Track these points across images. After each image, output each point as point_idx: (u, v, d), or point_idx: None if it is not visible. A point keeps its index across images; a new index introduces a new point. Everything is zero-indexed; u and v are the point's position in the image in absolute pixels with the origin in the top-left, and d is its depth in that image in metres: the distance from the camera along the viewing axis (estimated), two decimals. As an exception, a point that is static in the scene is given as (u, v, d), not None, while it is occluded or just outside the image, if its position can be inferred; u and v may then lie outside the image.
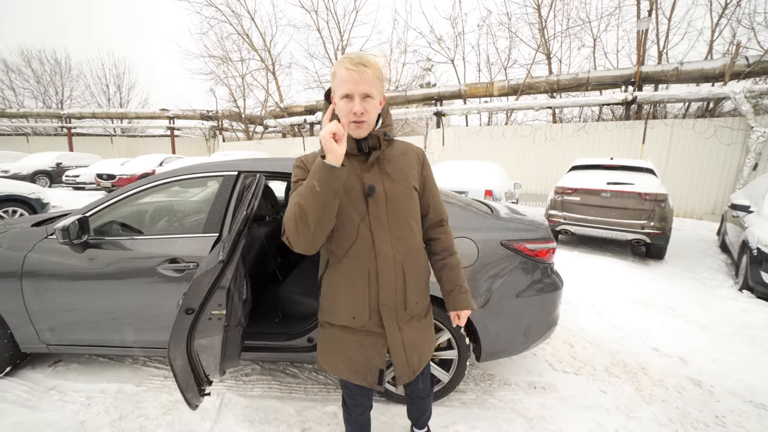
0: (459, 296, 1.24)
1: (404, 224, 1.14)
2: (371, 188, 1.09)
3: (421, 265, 1.22)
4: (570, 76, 10.63)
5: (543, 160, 10.20)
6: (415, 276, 1.18)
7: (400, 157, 1.17)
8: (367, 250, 1.10)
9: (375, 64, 1.06)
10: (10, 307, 1.95)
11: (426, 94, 12.52)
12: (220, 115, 18.66)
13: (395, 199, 1.12)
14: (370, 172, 1.11)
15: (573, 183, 5.72)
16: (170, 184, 2.08)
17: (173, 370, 1.24)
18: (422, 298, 1.24)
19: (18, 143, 19.97)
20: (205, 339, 1.29)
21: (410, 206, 1.16)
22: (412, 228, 1.17)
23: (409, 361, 1.22)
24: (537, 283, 1.98)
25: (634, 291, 3.94)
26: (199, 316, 1.24)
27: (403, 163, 1.17)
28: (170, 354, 1.23)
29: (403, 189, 1.13)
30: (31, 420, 1.79)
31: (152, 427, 1.77)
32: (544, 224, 2.12)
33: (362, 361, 1.18)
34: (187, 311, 1.22)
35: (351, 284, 1.13)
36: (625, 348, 2.72)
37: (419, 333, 1.25)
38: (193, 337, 1.25)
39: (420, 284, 1.22)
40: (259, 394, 2.05)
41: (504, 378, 2.30)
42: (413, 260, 1.18)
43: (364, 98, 1.03)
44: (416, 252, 1.19)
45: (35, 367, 2.23)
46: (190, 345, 1.25)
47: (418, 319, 1.24)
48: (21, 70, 24.20)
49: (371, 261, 1.11)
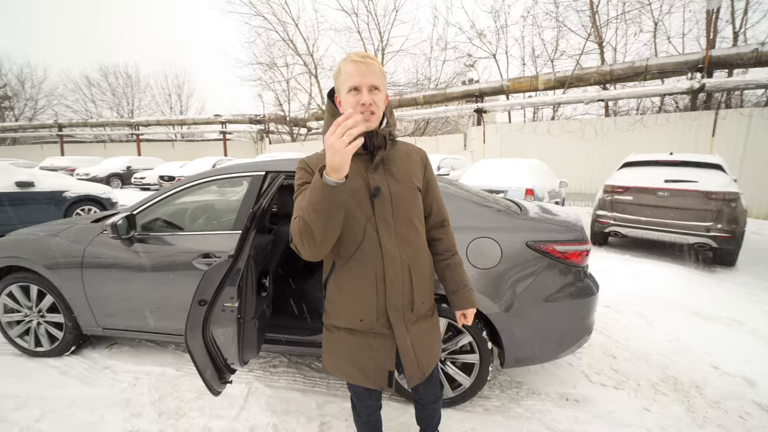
0: (464, 295, 1.24)
1: (410, 225, 1.14)
2: (377, 189, 1.08)
3: (426, 265, 1.22)
4: (625, 65, 9.78)
5: (593, 156, 9.50)
6: (421, 276, 1.18)
7: (404, 158, 1.17)
8: (374, 252, 1.09)
9: (378, 61, 1.09)
10: (74, 294, 2.21)
11: (466, 91, 12.20)
12: (266, 118, 19.68)
13: (400, 200, 1.11)
14: (376, 172, 1.10)
15: (624, 181, 5.27)
16: (206, 184, 2.23)
17: (192, 357, 1.33)
18: (428, 298, 1.24)
19: (97, 149, 22.62)
20: (221, 329, 1.37)
21: (415, 207, 1.16)
22: (417, 229, 1.17)
23: (418, 362, 1.20)
24: (568, 288, 1.85)
25: (694, 300, 3.54)
26: (212, 307, 1.32)
27: (407, 164, 1.16)
28: (188, 342, 1.32)
29: (408, 190, 1.13)
30: (88, 394, 2.02)
31: (186, 408, 1.92)
32: (578, 225, 1.98)
33: (371, 363, 1.17)
34: (200, 302, 1.31)
35: (358, 286, 1.12)
36: (677, 363, 2.46)
37: (426, 333, 1.23)
38: (208, 327, 1.33)
39: (426, 284, 1.21)
40: (284, 385, 2.13)
41: (533, 387, 2.17)
42: (419, 261, 1.17)
43: (372, 90, 1.03)
44: (422, 253, 1.19)
45: (95, 348, 2.51)
46: (206, 334, 1.34)
47: (425, 319, 1.23)
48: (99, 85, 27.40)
49: (378, 262, 1.09)
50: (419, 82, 17.58)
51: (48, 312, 2.33)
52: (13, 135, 24.51)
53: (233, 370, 1.57)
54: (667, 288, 3.88)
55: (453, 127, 20.41)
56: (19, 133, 23.94)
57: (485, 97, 11.96)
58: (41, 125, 22.96)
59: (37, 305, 2.32)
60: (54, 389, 2.06)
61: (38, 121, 24.38)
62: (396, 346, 1.17)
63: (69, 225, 2.38)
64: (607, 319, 3.11)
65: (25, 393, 2.03)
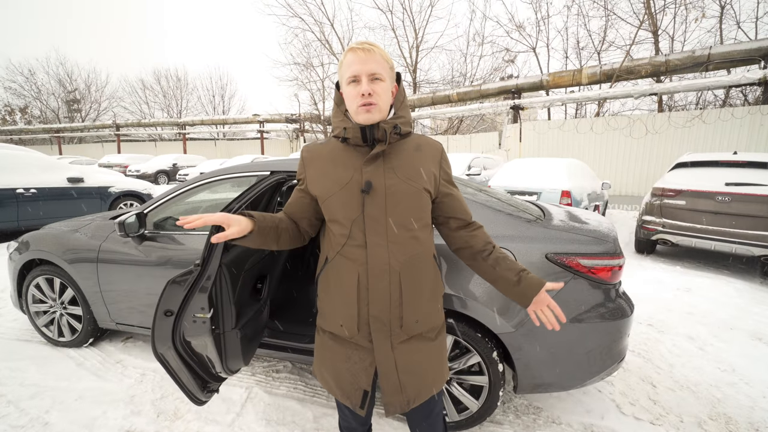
0: (528, 279, 1.04)
1: (406, 228, 0.99)
2: (367, 184, 0.96)
3: (426, 278, 1.04)
4: (684, 55, 8.82)
5: (642, 156, 8.69)
6: (415, 289, 1.01)
7: (411, 152, 1.03)
8: (359, 253, 0.98)
9: (382, 49, 0.99)
10: (90, 288, 2.29)
11: (502, 87, 11.64)
12: (302, 117, 20.13)
13: (396, 197, 0.98)
14: (371, 165, 0.98)
15: (677, 183, 4.72)
16: (214, 183, 2.21)
17: (167, 368, 1.28)
18: (426, 317, 1.05)
19: (149, 147, 24.38)
20: (195, 340, 1.30)
21: (416, 208, 1.01)
22: (417, 234, 1.01)
23: (402, 388, 1.03)
24: (596, 308, 1.61)
25: (758, 323, 3.06)
26: (179, 318, 1.25)
27: (414, 159, 1.02)
28: (158, 351, 1.26)
29: (409, 188, 0.99)
30: (97, 388, 2.07)
31: (184, 411, 1.90)
32: (610, 236, 1.72)
33: (347, 377, 1.05)
34: (165, 313, 1.24)
35: (340, 288, 1.02)
36: (732, 398, 2.10)
37: (421, 358, 1.05)
38: (179, 337, 1.27)
39: (422, 300, 1.04)
40: (284, 393, 2.06)
41: (554, 414, 1.94)
42: (414, 271, 1.01)
43: (373, 79, 0.95)
44: (420, 262, 1.02)
45: (111, 341, 2.60)
46: (177, 344, 1.27)
47: (421, 341, 1.05)
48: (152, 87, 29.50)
49: (362, 266, 0.98)
50: (454, 79, 17.13)
51: (69, 304, 2.43)
52: (79, 134, 27.04)
53: (221, 379, 1.50)
54: (725, 306, 3.41)
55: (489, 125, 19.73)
56: (84, 132, 26.36)
57: (523, 93, 11.34)
58: (102, 125, 25.12)
59: (60, 297, 2.44)
60: (68, 380, 2.14)
61: (100, 122, 26.71)
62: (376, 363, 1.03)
63: (89, 221, 2.47)
64: (649, 340, 2.76)
65: (43, 382, 2.12)
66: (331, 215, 1.02)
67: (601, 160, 9.19)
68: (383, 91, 0.97)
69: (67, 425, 1.78)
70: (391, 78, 1.01)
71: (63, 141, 26.85)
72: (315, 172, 1.05)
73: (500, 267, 1.06)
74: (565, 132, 9.74)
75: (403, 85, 1.08)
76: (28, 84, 29.37)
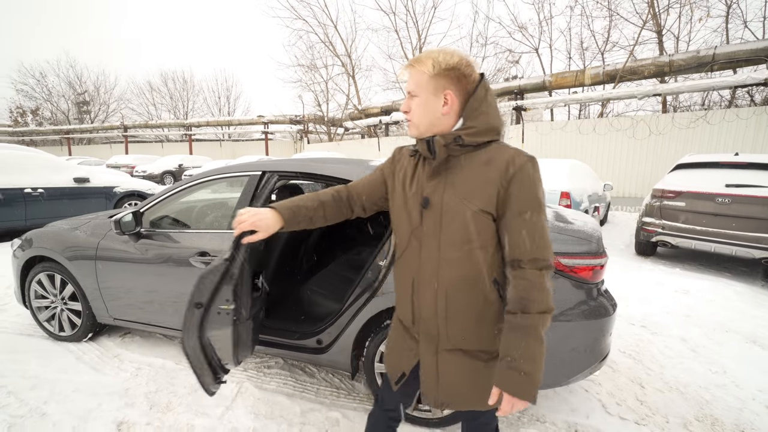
0: (504, 372, 0.90)
1: (459, 248, 0.97)
2: (425, 200, 0.99)
3: (473, 300, 0.99)
4: (688, 55, 8.74)
5: (645, 157, 8.62)
6: (459, 309, 1.00)
7: (477, 167, 0.95)
8: (414, 259, 1.03)
9: (427, 59, 0.96)
10: (89, 284, 2.36)
11: (504, 88, 11.63)
12: (306, 119, 20.26)
13: (450, 215, 0.96)
14: (433, 180, 0.99)
15: (676, 185, 4.70)
16: (207, 183, 2.27)
17: (188, 358, 1.33)
18: (474, 337, 1.01)
19: (156, 148, 24.69)
20: (216, 331, 1.36)
21: (471, 232, 0.95)
22: (470, 255, 0.97)
23: (439, 387, 1.05)
24: (578, 306, 1.63)
25: (755, 326, 3.05)
26: (208, 310, 1.31)
27: (477, 176, 0.95)
28: (184, 343, 1.32)
29: (463, 207, 0.95)
30: (94, 381, 2.13)
31: (176, 404, 1.95)
32: (593, 236, 1.74)
33: (395, 355, 1.15)
34: (196, 305, 1.30)
35: (401, 285, 1.10)
36: (721, 399, 2.10)
37: (466, 373, 1.03)
38: (205, 329, 1.33)
39: (467, 321, 1.00)
40: (274, 388, 2.10)
41: (538, 413, 1.96)
42: (461, 292, 0.99)
43: (411, 97, 0.99)
44: (471, 286, 0.98)
45: (110, 336, 2.67)
46: (202, 336, 1.33)
47: (469, 357, 1.03)
48: (159, 89, 29.91)
49: (416, 270, 1.03)
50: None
51: (70, 300, 2.50)
52: (89, 136, 27.51)
53: (227, 370, 1.55)
54: (722, 309, 3.39)
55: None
56: (93, 134, 26.80)
57: (525, 94, 11.32)
58: (110, 127, 25.53)
59: (61, 293, 2.51)
60: (67, 373, 2.21)
61: (108, 124, 27.14)
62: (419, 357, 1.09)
63: (89, 219, 2.54)
64: (641, 342, 2.76)
65: (42, 375, 2.19)
66: (395, 219, 1.09)
67: (604, 162, 9.14)
68: (417, 107, 0.98)
69: (63, 416, 1.84)
70: (434, 88, 0.96)
71: (73, 142, 27.30)
72: (397, 171, 1.12)
73: (503, 335, 0.94)
74: (568, 133, 9.70)
75: (485, 88, 0.98)
76: (39, 86, 29.99)
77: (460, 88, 0.96)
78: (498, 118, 0.99)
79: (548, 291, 0.91)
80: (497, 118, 0.99)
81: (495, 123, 0.98)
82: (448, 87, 0.95)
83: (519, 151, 0.94)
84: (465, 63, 0.96)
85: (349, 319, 1.82)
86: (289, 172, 2.06)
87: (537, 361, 0.90)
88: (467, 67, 0.96)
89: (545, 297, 0.90)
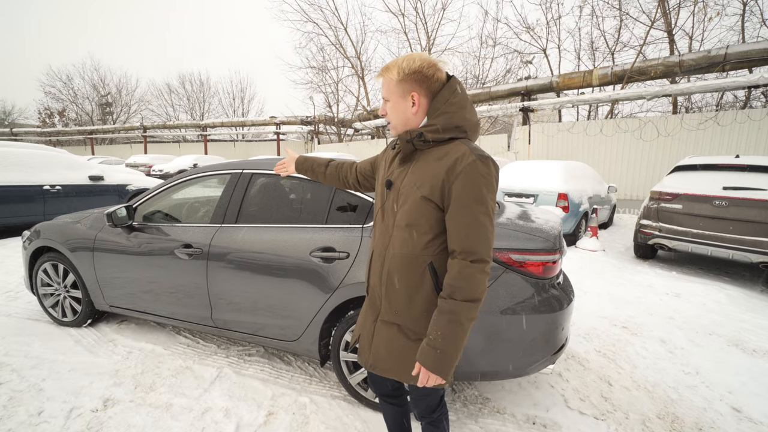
0: (424, 347, 1.00)
1: (404, 230, 1.08)
2: (388, 182, 1.15)
3: (410, 280, 1.08)
4: (698, 55, 8.53)
5: (653, 159, 8.46)
6: (398, 286, 1.09)
7: (433, 161, 1.04)
8: (377, 231, 1.19)
9: (394, 66, 1.07)
10: (88, 273, 2.55)
11: (512, 89, 11.56)
12: (316, 120, 20.55)
13: (404, 198, 1.08)
14: (400, 168, 1.13)
15: (674, 187, 4.64)
16: (195, 180, 2.43)
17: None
18: (405, 314, 1.10)
19: (173, 149, 25.45)
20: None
21: (415, 214, 1.05)
22: (412, 238, 1.06)
23: (371, 350, 1.18)
24: (528, 301, 1.69)
25: (741, 330, 3.02)
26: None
27: (430, 168, 1.04)
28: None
29: (413, 193, 1.05)
30: (88, 362, 2.31)
31: (159, 384, 2.10)
32: (549, 233, 1.80)
33: (359, 320, 1.27)
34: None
35: (369, 254, 1.24)
36: (687, 399, 2.12)
37: (391, 345, 1.12)
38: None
39: (401, 296, 1.09)
40: (251, 374, 2.23)
41: (500, 405, 2.03)
42: (401, 268, 1.09)
43: (385, 102, 1.13)
44: (409, 263, 1.07)
45: (108, 323, 2.86)
46: None
47: (399, 331, 1.11)
48: (177, 91, 30.81)
49: (375, 242, 1.19)
50: (467, 82, 17.08)
51: (71, 288, 2.70)
52: (111, 136, 28.59)
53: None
54: (711, 313, 3.36)
55: (503, 127, 19.52)
56: (114, 134, 27.83)
57: (532, 95, 11.23)
58: (130, 127, 26.45)
59: (63, 281, 2.71)
60: (65, 354, 2.39)
61: (129, 124, 28.13)
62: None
63: (90, 213, 2.73)
64: (619, 342, 2.78)
65: (44, 356, 2.38)
66: (375, 195, 1.26)
67: (611, 163, 9.00)
68: (390, 110, 1.11)
69: (57, 392, 2.02)
70: (402, 92, 1.06)
71: (95, 142, 28.42)
72: (382, 158, 1.28)
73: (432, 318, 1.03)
74: (575, 134, 9.59)
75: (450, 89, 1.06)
76: (65, 89, 31.32)
77: (426, 89, 1.05)
78: (463, 118, 1.05)
79: (477, 282, 0.97)
80: (462, 118, 1.05)
81: (458, 122, 1.04)
82: (414, 89, 1.05)
83: (473, 150, 1.00)
84: (427, 65, 1.04)
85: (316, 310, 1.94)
86: (264, 170, 2.21)
87: (453, 343, 0.98)
88: (429, 68, 1.04)
89: (472, 287, 0.97)
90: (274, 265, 1.98)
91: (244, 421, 1.83)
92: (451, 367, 1.00)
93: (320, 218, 2.01)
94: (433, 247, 1.06)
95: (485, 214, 0.99)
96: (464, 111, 1.07)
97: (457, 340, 0.99)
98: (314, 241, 1.92)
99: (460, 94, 1.07)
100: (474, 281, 0.97)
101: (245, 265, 2.06)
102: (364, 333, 1.22)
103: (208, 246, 2.14)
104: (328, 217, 1.99)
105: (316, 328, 1.94)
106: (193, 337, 2.66)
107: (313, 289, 1.90)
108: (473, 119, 1.09)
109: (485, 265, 0.99)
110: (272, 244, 2.00)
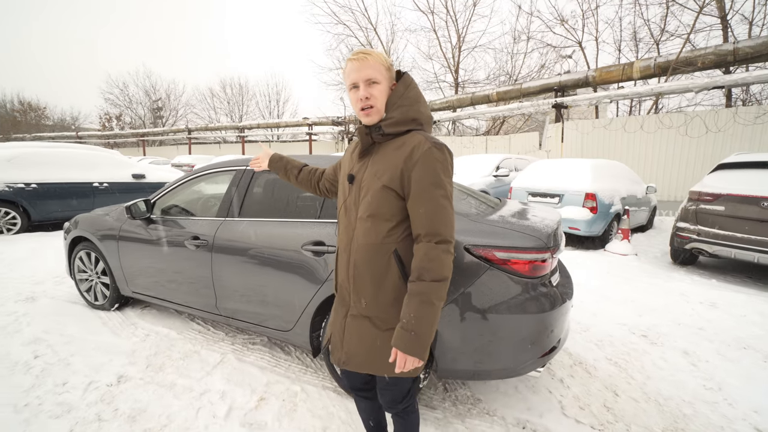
0: (398, 332, 1.01)
1: (366, 221, 1.09)
2: (350, 176, 1.16)
3: (376, 269, 1.10)
4: (756, 41, 7.69)
5: (701, 157, 7.76)
6: (364, 277, 1.11)
7: (391, 151, 1.08)
8: (341, 228, 1.20)
9: (378, 54, 1.09)
10: (114, 261, 2.79)
11: (544, 85, 11.08)
12: (346, 120, 20.87)
13: (365, 190, 1.10)
14: (360, 161, 1.15)
15: (715, 187, 4.25)
16: (204, 177, 2.59)
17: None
18: (374, 305, 1.11)
19: (214, 149, 26.98)
20: None
21: (377, 204, 1.07)
22: (376, 227, 1.08)
23: (342, 347, 1.17)
24: (513, 300, 1.64)
25: (781, 345, 2.71)
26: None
27: (389, 158, 1.07)
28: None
29: (374, 183, 1.08)
30: (110, 342, 2.54)
31: (168, 365, 2.27)
32: (542, 232, 1.73)
33: (331, 320, 1.27)
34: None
35: (336, 253, 1.24)
36: (703, 415, 1.95)
37: (362, 339, 1.13)
38: None
39: (368, 287, 1.11)
40: (251, 361, 2.34)
41: (491, 407, 1.98)
42: (367, 259, 1.10)
43: (369, 84, 1.07)
44: (374, 253, 1.09)
45: (134, 308, 3.11)
46: None
47: (369, 323, 1.12)
48: (219, 95, 32.59)
49: (340, 238, 1.20)
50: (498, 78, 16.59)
51: (102, 275, 2.97)
52: (160, 138, 30.85)
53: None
54: (750, 325, 3.05)
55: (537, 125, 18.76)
56: (163, 136, 29.98)
57: (567, 91, 10.68)
58: (177, 129, 28.38)
59: (95, 268, 2.99)
60: (93, 334, 2.64)
61: (176, 127, 30.19)
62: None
63: (118, 207, 2.99)
64: (635, 351, 2.60)
65: (76, 334, 2.64)
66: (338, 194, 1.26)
67: (652, 162, 8.37)
68: (380, 94, 1.07)
69: (81, 367, 2.24)
70: (388, 78, 1.10)
71: (147, 144, 30.77)
72: (345, 157, 1.28)
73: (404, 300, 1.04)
74: (612, 131, 9.00)
75: (405, 84, 1.12)
76: (122, 95, 34.23)
77: (391, 81, 1.11)
78: (418, 111, 1.11)
79: (442, 262, 1.01)
80: (417, 111, 1.11)
81: (414, 115, 1.11)
82: (389, 78, 1.11)
83: (427, 138, 1.05)
84: (391, 61, 1.14)
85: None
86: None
87: (426, 324, 1.01)
88: (392, 65, 1.13)
89: (438, 267, 1.01)
90: (270, 257, 2.07)
91: (236, 404, 1.93)
92: (426, 348, 1.02)
93: (314, 213, 2.06)
94: (395, 235, 1.09)
95: (444, 197, 1.03)
96: (419, 104, 1.13)
97: (429, 320, 1.01)
98: (306, 235, 1.98)
99: (414, 89, 1.12)
100: (440, 261, 1.01)
101: (244, 257, 2.16)
102: (335, 331, 1.21)
103: (213, 238, 2.28)
104: (321, 212, 2.04)
105: (307, 320, 2.00)
106: (204, 325, 2.83)
107: (303, 282, 1.96)
108: (427, 113, 1.14)
109: (449, 245, 1.03)
110: (268, 238, 2.09)
